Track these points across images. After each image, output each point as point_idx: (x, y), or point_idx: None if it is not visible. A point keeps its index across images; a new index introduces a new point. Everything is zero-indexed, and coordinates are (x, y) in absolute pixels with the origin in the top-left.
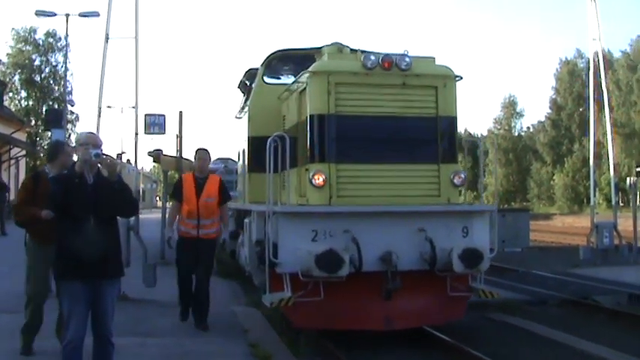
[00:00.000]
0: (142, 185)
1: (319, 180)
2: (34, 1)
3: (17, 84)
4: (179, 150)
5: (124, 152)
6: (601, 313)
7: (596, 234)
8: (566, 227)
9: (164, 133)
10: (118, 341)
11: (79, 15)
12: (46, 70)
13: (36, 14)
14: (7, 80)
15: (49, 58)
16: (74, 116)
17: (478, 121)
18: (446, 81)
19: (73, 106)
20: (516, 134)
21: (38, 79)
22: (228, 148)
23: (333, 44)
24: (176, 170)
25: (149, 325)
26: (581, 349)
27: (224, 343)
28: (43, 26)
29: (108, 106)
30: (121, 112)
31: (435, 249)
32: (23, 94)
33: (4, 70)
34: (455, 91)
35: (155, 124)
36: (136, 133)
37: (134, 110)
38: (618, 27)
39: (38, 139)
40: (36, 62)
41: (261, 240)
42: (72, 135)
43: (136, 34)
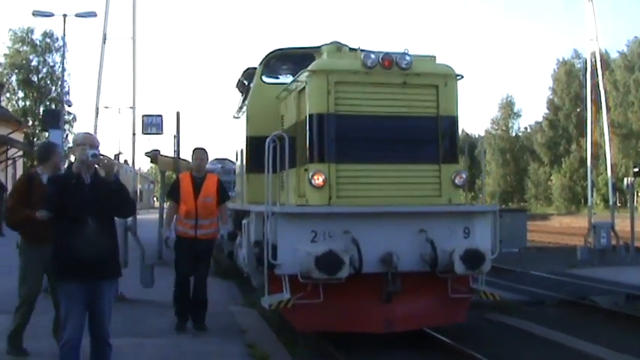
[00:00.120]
0: (139, 186)
1: (319, 180)
2: (32, 2)
3: (14, 84)
4: (176, 150)
5: (122, 153)
6: (598, 314)
7: (593, 234)
8: (563, 227)
9: (161, 133)
10: (115, 342)
11: (77, 15)
12: (44, 70)
13: (33, 14)
14: (5, 80)
15: (47, 58)
16: (71, 117)
17: (475, 122)
18: (447, 80)
19: (70, 106)
20: (514, 134)
21: (35, 79)
22: (225, 149)
23: (331, 43)
24: (173, 171)
25: (146, 325)
26: (579, 350)
27: (221, 343)
28: (41, 26)
29: (105, 107)
30: (118, 112)
31: (436, 250)
32: (20, 94)
33: (1, 70)
34: (456, 90)
35: (152, 124)
36: (134, 134)
37: (132, 111)
38: (616, 27)
39: (36, 140)
40: (33, 62)
41: (260, 241)
42: (69, 135)
43: (133, 34)
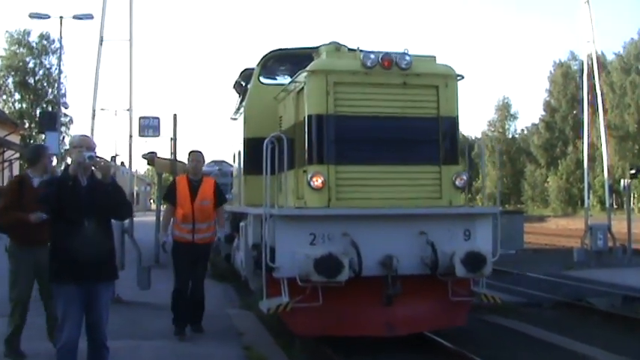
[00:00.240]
0: (135, 188)
1: (318, 182)
2: (28, 4)
3: (11, 86)
4: (173, 153)
5: (118, 155)
6: (595, 315)
7: (590, 236)
8: (560, 229)
9: (158, 135)
10: (112, 344)
11: (73, 17)
12: (40, 72)
13: (30, 17)
14: (1, 83)
15: (43, 60)
16: (68, 119)
17: (472, 124)
18: (447, 80)
19: (66, 108)
20: (510, 136)
21: (32, 81)
22: (222, 151)
23: (330, 43)
24: (170, 173)
25: (143, 327)
26: (576, 351)
27: (218, 346)
28: (37, 29)
29: (102, 109)
30: (115, 114)
31: (437, 252)
32: (17, 96)
33: None
34: (456, 91)
35: (149, 126)
36: (130, 136)
37: (128, 113)
38: (612, 29)
39: (32, 142)
40: (30, 65)
41: (258, 244)
42: (66, 138)
43: (130, 36)
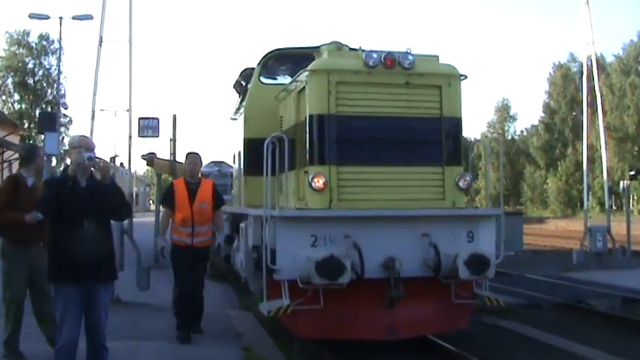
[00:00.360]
0: (135, 188)
1: (319, 183)
2: (28, 4)
3: (10, 87)
4: (173, 153)
5: (118, 155)
6: (595, 317)
7: (589, 238)
8: (559, 231)
9: (158, 136)
10: (111, 345)
11: (73, 18)
12: (40, 73)
13: (29, 17)
14: (0, 83)
15: (43, 61)
16: (67, 119)
17: (471, 125)
18: (450, 80)
19: (66, 109)
20: (510, 138)
21: (31, 82)
22: (221, 152)
23: (331, 43)
24: (170, 174)
25: (143, 328)
26: (576, 353)
27: (218, 346)
28: (37, 29)
29: (101, 109)
30: (114, 115)
31: (440, 255)
32: (16, 96)
33: None
34: (460, 91)
35: (149, 127)
36: (130, 137)
37: (128, 113)
38: (612, 31)
39: (31, 142)
40: (29, 65)
41: (258, 245)
42: (65, 138)
43: (129, 37)
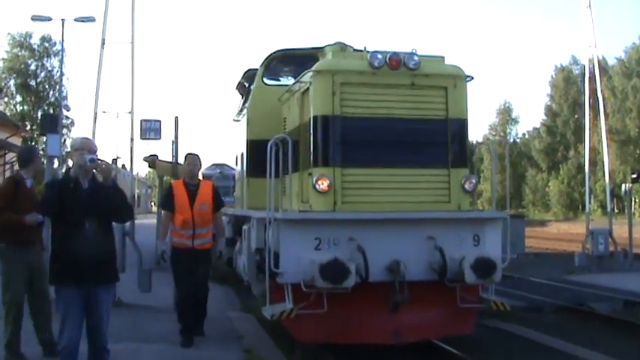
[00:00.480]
0: (136, 190)
1: (323, 185)
2: (30, 6)
3: (13, 88)
4: (175, 156)
5: (119, 157)
6: (597, 320)
7: (591, 240)
8: (561, 234)
9: (160, 138)
10: (113, 347)
11: (75, 20)
12: (42, 74)
13: (32, 19)
14: (3, 85)
15: (45, 62)
16: (69, 121)
17: (473, 128)
18: (456, 81)
19: (68, 111)
20: (511, 141)
21: (34, 83)
22: (223, 154)
23: (335, 44)
24: (172, 176)
25: (144, 330)
26: (578, 356)
27: (219, 349)
28: (39, 31)
29: (103, 112)
30: (116, 117)
31: (446, 258)
32: (18, 98)
33: None
34: (466, 92)
35: (151, 129)
36: (132, 139)
37: (130, 115)
38: (613, 34)
39: (34, 144)
40: (31, 67)
41: (261, 248)
42: (67, 140)
43: (132, 38)
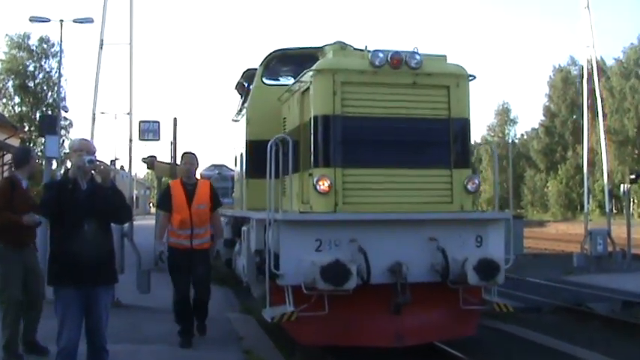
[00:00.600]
0: (135, 191)
1: (324, 185)
2: (28, 7)
3: (11, 90)
4: (173, 157)
5: (118, 158)
6: (595, 320)
7: (589, 241)
8: (559, 234)
9: (158, 139)
10: (111, 348)
11: (74, 21)
12: (40, 76)
13: (30, 20)
14: (1, 86)
15: (43, 64)
16: (68, 122)
17: (472, 128)
18: (459, 80)
19: (66, 112)
20: (510, 141)
21: (32, 85)
22: (222, 155)
23: (335, 43)
24: (170, 177)
25: (143, 331)
26: (576, 356)
27: (218, 350)
28: (37, 32)
29: (102, 113)
30: (115, 118)
31: (448, 259)
32: (17, 99)
33: None
34: (468, 92)
35: (149, 130)
36: (130, 140)
37: (128, 116)
38: (612, 34)
39: (32, 145)
40: (30, 68)
41: (261, 250)
42: (66, 141)
43: (130, 40)
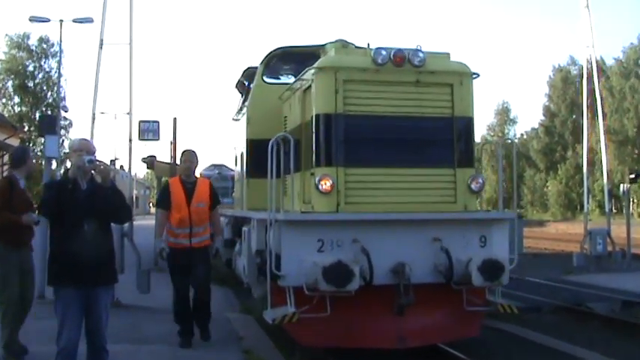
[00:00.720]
0: (135, 191)
1: (326, 185)
2: (28, 7)
3: (10, 90)
4: (173, 156)
5: (118, 158)
6: (595, 320)
7: (589, 241)
8: (559, 234)
9: (158, 139)
10: (111, 348)
11: (73, 21)
12: (40, 75)
13: (30, 20)
14: (0, 86)
15: (43, 64)
16: (67, 122)
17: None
18: (462, 78)
19: (66, 112)
20: (509, 141)
21: (31, 85)
22: (222, 155)
23: (337, 41)
24: (170, 177)
25: (143, 331)
26: (576, 356)
27: (218, 350)
28: (37, 32)
29: (102, 112)
30: (114, 118)
31: (452, 260)
32: (16, 99)
33: None
34: (472, 90)
35: (149, 130)
36: (130, 140)
37: (128, 116)
38: (612, 34)
39: (32, 145)
40: (29, 68)
41: (262, 250)
42: (65, 141)
43: (130, 39)
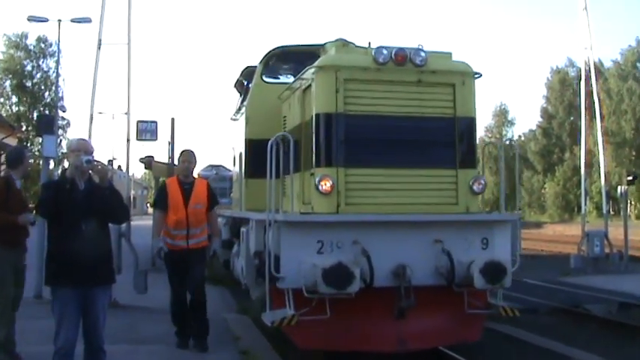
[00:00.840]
0: (132, 192)
1: (326, 186)
2: (26, 7)
3: (8, 89)
4: (171, 157)
5: (115, 159)
6: (592, 322)
7: (587, 242)
8: (557, 235)
9: (156, 139)
10: (109, 348)
11: (72, 21)
12: (38, 75)
13: (28, 20)
14: None
15: (41, 63)
16: (65, 122)
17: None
18: (464, 78)
19: (64, 112)
20: (507, 142)
21: (29, 84)
22: (219, 155)
23: (337, 40)
24: (167, 177)
25: (140, 332)
26: (573, 358)
27: (215, 350)
28: (35, 32)
29: (100, 112)
30: (112, 118)
31: (453, 262)
32: (14, 99)
33: None
34: (474, 90)
35: (147, 130)
36: (128, 140)
37: (126, 116)
38: (610, 36)
39: (29, 145)
40: (27, 68)
41: (261, 251)
42: (63, 141)
43: (128, 39)
